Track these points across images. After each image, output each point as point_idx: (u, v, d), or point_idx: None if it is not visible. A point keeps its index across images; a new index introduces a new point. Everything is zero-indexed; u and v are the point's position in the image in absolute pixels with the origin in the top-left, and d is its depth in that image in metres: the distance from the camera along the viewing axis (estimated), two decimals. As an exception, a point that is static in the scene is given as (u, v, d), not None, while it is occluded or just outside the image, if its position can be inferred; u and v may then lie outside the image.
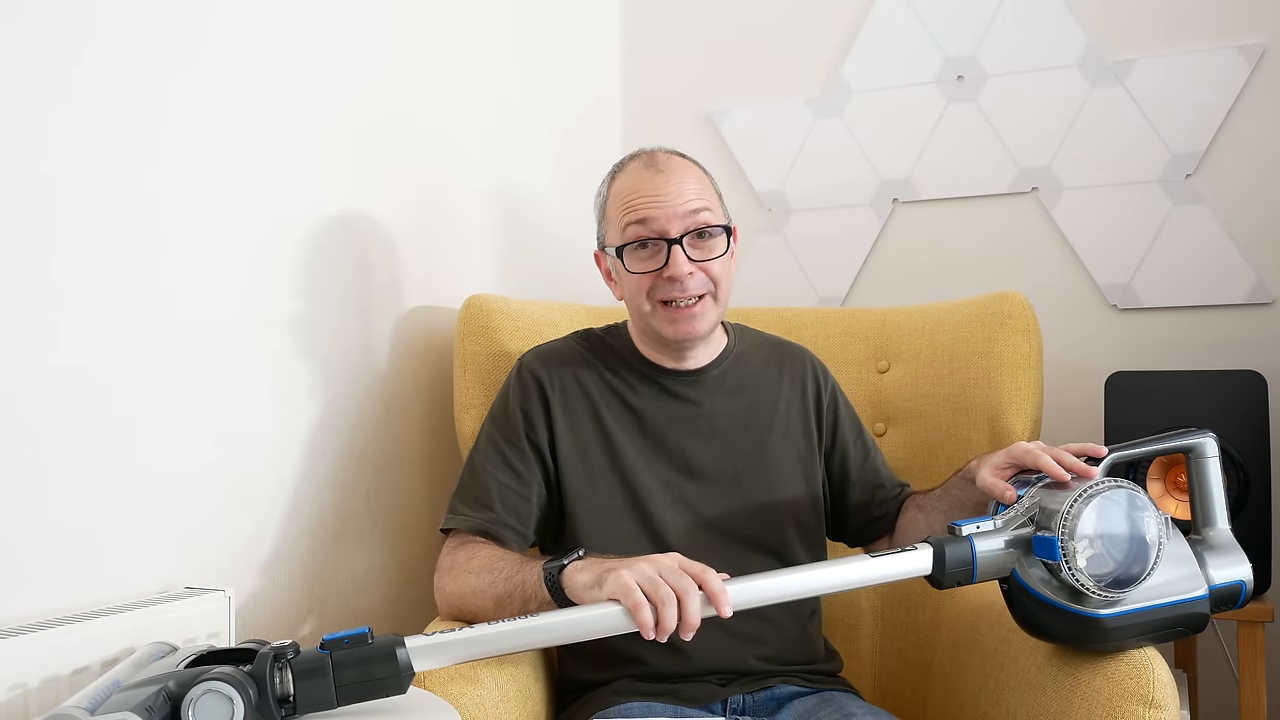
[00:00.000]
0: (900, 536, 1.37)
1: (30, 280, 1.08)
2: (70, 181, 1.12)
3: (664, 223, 1.26)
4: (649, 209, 1.27)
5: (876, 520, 1.40)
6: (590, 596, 1.03)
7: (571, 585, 1.07)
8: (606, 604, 1.01)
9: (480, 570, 1.18)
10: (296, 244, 1.42)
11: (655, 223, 1.27)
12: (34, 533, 1.09)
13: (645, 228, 1.27)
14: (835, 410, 1.42)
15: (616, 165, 1.36)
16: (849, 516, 1.41)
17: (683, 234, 1.26)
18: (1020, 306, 1.56)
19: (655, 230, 1.27)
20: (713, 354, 1.38)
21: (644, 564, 1.01)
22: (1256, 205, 1.81)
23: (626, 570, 1.01)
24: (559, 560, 1.10)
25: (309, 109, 1.44)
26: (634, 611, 0.98)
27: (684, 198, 1.27)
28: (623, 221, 1.29)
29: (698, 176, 1.32)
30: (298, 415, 1.42)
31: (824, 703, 1.24)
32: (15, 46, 1.06)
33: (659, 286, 1.28)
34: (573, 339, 1.42)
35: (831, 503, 1.42)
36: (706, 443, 1.33)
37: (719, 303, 1.31)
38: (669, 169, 1.30)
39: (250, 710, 0.87)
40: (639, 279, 1.29)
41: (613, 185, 1.34)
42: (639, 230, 1.27)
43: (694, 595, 0.99)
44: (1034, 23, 1.95)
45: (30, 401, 1.08)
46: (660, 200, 1.27)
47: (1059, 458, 1.09)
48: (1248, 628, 1.51)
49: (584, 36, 2.20)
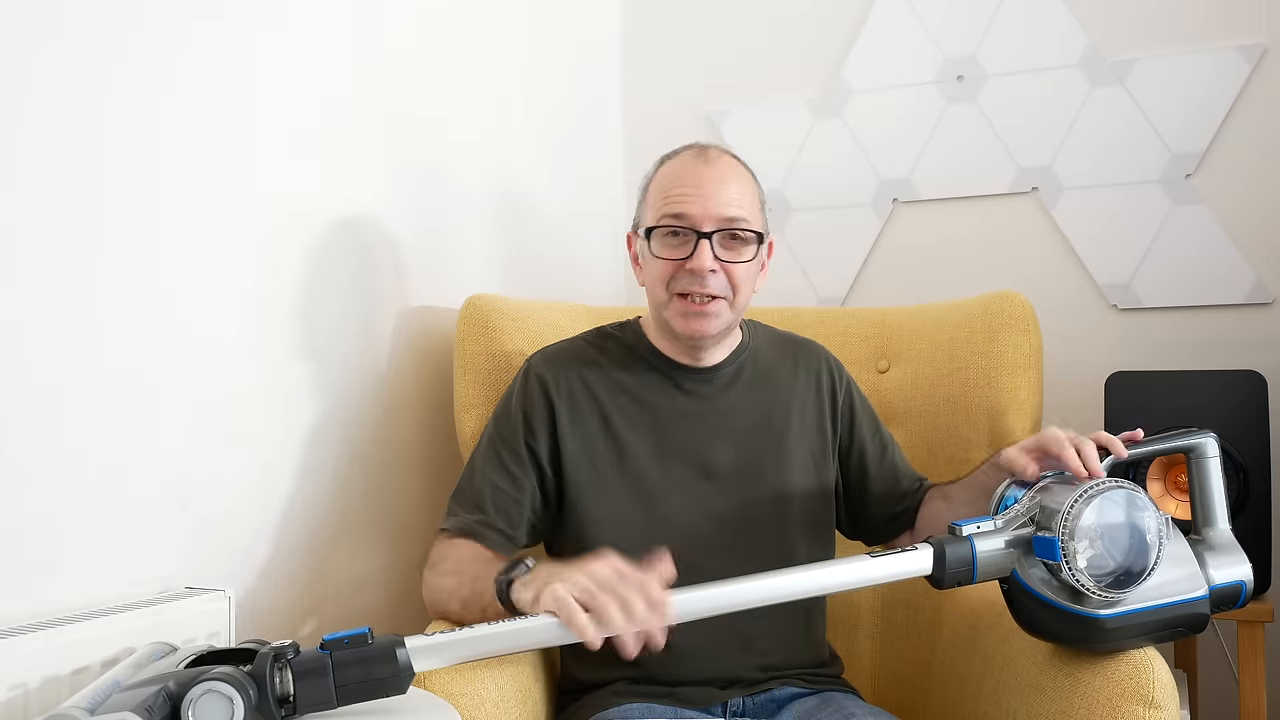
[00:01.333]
0: (923, 528, 1.36)
1: (31, 281, 1.08)
2: (71, 182, 1.12)
3: (699, 215, 1.26)
4: (687, 200, 1.27)
5: (898, 516, 1.39)
6: (534, 612, 1.00)
7: (518, 601, 1.05)
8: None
9: (449, 573, 1.20)
10: (297, 245, 1.42)
11: (690, 213, 1.26)
12: (34, 533, 1.08)
13: (679, 218, 1.27)
14: (851, 405, 1.42)
15: (670, 152, 1.36)
16: (870, 513, 1.40)
17: (715, 231, 1.26)
18: (1020, 306, 1.56)
19: (688, 222, 1.26)
20: (727, 350, 1.37)
21: (578, 574, 0.98)
22: (1256, 205, 1.82)
23: (560, 583, 0.98)
24: (507, 574, 1.08)
25: (309, 110, 1.44)
26: (569, 623, 0.95)
27: (724, 198, 1.27)
28: (659, 206, 1.29)
29: (745, 182, 1.31)
30: (298, 415, 1.42)
31: (824, 703, 1.24)
32: (15, 48, 1.06)
33: (679, 277, 1.27)
34: (583, 338, 1.41)
35: (851, 499, 1.41)
36: (720, 441, 1.33)
37: (735, 309, 1.30)
38: (718, 165, 1.30)
39: (250, 710, 0.87)
40: (661, 265, 1.28)
41: (660, 169, 1.34)
42: (672, 219, 1.27)
43: (636, 602, 0.95)
44: (1034, 23, 1.95)
45: (30, 402, 1.08)
46: (701, 193, 1.26)
47: (1082, 450, 1.08)
48: (1248, 628, 1.51)
49: (584, 36, 2.20)
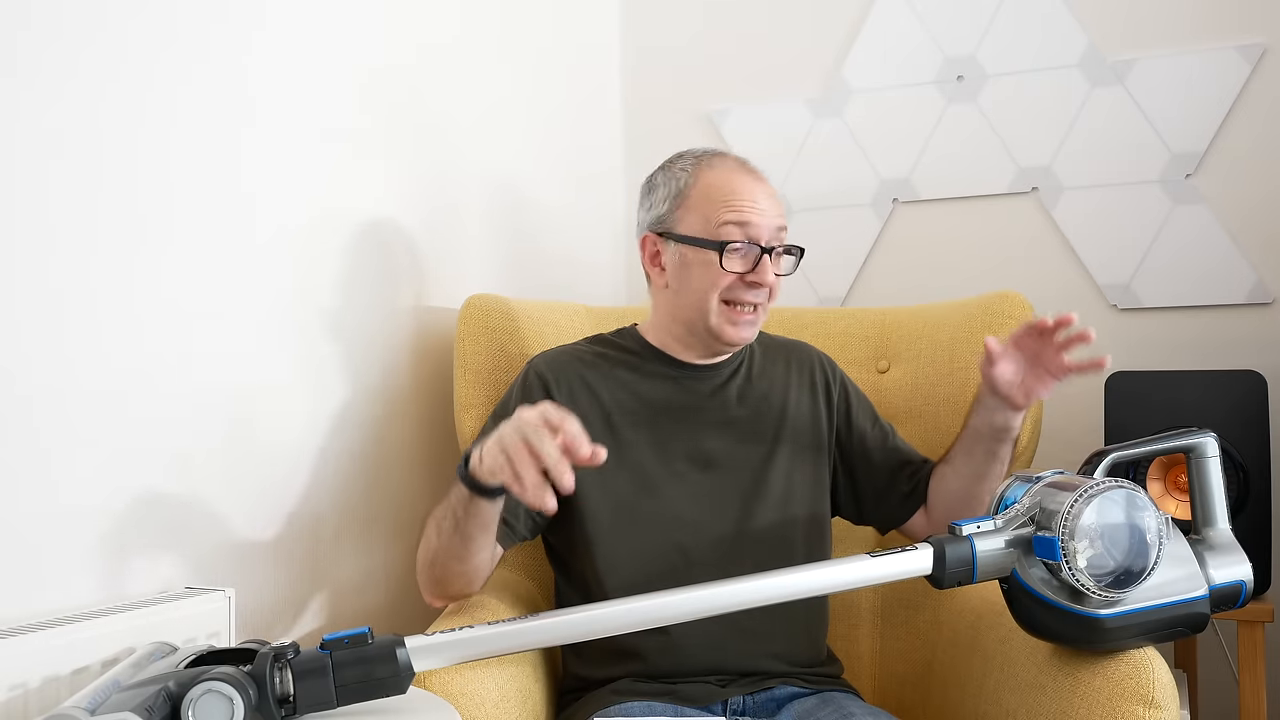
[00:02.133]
0: (934, 500, 1.37)
1: (37, 281, 1.08)
2: (76, 182, 1.12)
3: (760, 230, 1.30)
4: (751, 214, 1.29)
5: (910, 495, 1.39)
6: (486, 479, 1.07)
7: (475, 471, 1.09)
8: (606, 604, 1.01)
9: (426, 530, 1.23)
10: (296, 246, 1.42)
11: (754, 229, 1.29)
12: (34, 533, 1.09)
13: (743, 230, 1.29)
14: (846, 400, 1.43)
15: (699, 156, 1.36)
16: (882, 496, 1.41)
17: (772, 246, 1.30)
18: (1020, 306, 1.56)
19: (752, 235, 1.29)
20: (730, 350, 1.39)
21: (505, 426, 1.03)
22: (1256, 205, 1.81)
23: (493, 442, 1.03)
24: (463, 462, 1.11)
25: (309, 112, 1.44)
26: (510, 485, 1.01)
27: (776, 212, 1.32)
28: (720, 218, 1.30)
29: (778, 195, 1.37)
30: (298, 415, 1.42)
31: (824, 703, 1.24)
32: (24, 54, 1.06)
33: (736, 288, 1.30)
34: (583, 343, 1.43)
35: (860, 486, 1.42)
36: (719, 434, 1.34)
37: (766, 313, 1.35)
38: (763, 179, 1.35)
39: (250, 710, 0.87)
40: (720, 276, 1.29)
41: (701, 175, 1.34)
42: (736, 231, 1.29)
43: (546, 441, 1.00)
44: (1034, 23, 1.95)
45: (30, 402, 1.08)
46: (760, 208, 1.30)
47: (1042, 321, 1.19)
48: (1248, 628, 1.51)
49: (584, 37, 2.20)
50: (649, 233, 1.37)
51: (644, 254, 1.38)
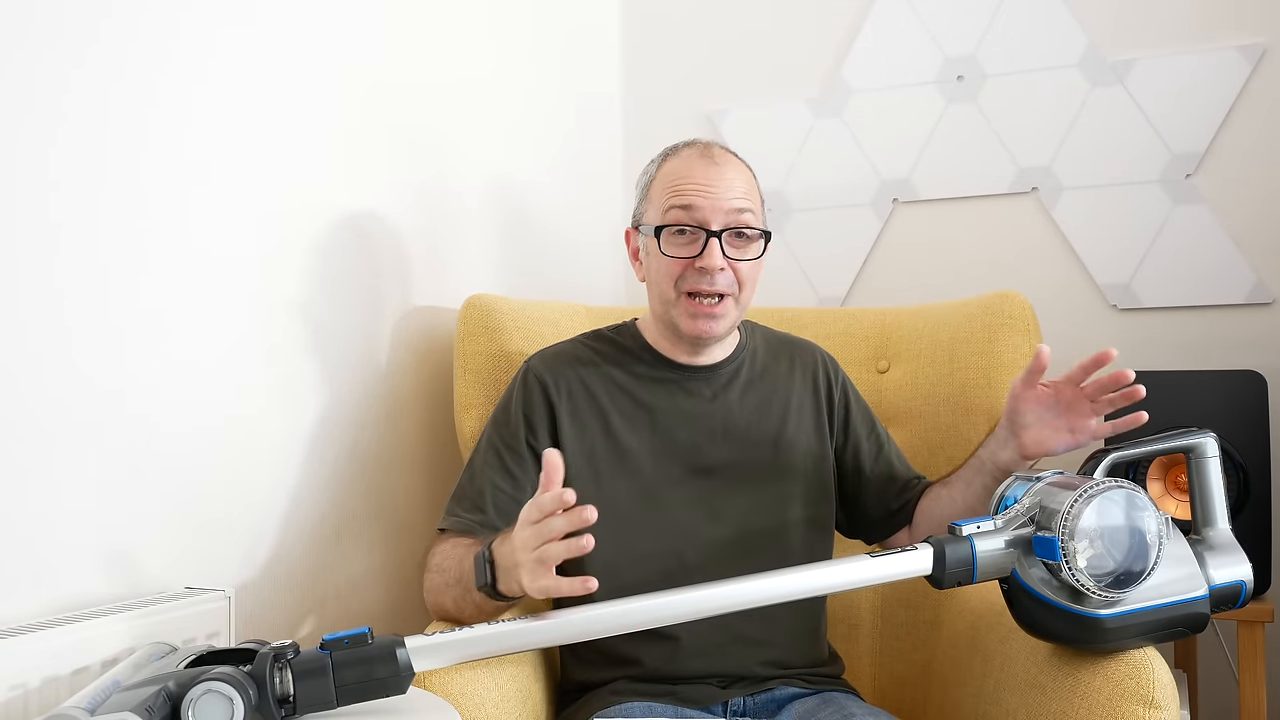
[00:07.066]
0: (919, 522, 1.36)
1: (34, 282, 1.08)
2: (79, 184, 1.12)
3: (708, 214, 1.27)
4: (696, 197, 1.27)
5: (895, 514, 1.39)
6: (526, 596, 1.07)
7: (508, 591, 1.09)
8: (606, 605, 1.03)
9: (437, 569, 1.21)
10: (297, 245, 1.42)
11: (699, 211, 1.27)
12: (34, 532, 1.09)
13: (688, 214, 1.27)
14: (846, 404, 1.42)
15: (669, 148, 1.36)
16: (867, 511, 1.40)
17: (724, 229, 1.27)
18: (1020, 306, 1.56)
19: (698, 219, 1.27)
20: (727, 350, 1.38)
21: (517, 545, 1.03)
22: (1256, 205, 1.81)
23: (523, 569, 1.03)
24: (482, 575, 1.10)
25: (310, 112, 1.44)
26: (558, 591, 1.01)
27: (731, 194, 1.28)
28: (666, 203, 1.29)
29: (747, 178, 1.33)
30: (298, 415, 1.42)
31: (824, 703, 1.23)
32: (24, 54, 1.06)
33: (688, 276, 1.28)
34: (580, 340, 1.41)
35: (847, 497, 1.41)
36: (719, 440, 1.33)
37: (739, 305, 1.31)
38: (723, 163, 1.31)
39: (250, 710, 0.87)
40: (669, 264, 1.28)
41: (662, 166, 1.34)
42: (681, 215, 1.28)
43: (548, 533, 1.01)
44: (1034, 23, 1.95)
45: (31, 402, 1.08)
46: (709, 191, 1.28)
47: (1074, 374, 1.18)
48: (1248, 628, 1.51)
49: (584, 36, 2.20)
50: (629, 228, 1.38)
51: (629, 249, 1.39)
